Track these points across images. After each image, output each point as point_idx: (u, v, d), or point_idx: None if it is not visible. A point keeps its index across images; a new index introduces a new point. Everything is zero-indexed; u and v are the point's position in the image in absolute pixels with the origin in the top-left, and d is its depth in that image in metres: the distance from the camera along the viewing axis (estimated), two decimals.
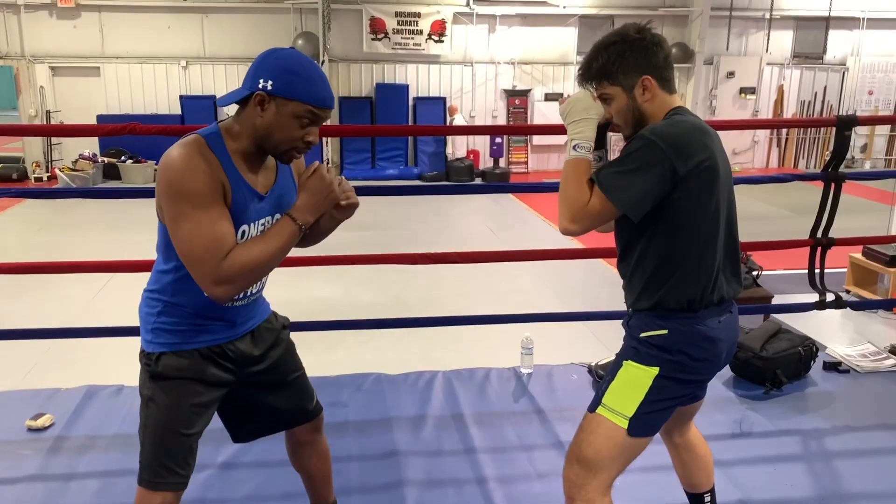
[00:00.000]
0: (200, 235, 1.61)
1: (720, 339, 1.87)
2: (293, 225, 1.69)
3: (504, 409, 3.35)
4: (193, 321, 1.81)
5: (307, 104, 1.66)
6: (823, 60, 14.57)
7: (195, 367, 1.82)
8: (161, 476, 1.80)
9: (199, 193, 1.61)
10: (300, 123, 1.68)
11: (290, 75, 1.65)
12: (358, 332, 4.50)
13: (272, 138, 1.69)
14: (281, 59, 1.67)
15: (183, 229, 1.62)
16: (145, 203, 9.42)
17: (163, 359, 1.80)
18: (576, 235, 1.87)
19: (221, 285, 1.62)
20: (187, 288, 1.76)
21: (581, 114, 1.87)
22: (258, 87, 1.65)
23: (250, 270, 1.64)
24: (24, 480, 2.73)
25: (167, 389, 1.80)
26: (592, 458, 1.88)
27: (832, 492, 2.71)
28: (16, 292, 5.71)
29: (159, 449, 1.81)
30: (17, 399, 3.35)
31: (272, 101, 1.65)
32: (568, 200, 1.82)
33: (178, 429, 1.81)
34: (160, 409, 1.80)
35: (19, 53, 12.16)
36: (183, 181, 1.61)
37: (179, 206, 1.62)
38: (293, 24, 12.61)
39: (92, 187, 10.92)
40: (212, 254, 1.61)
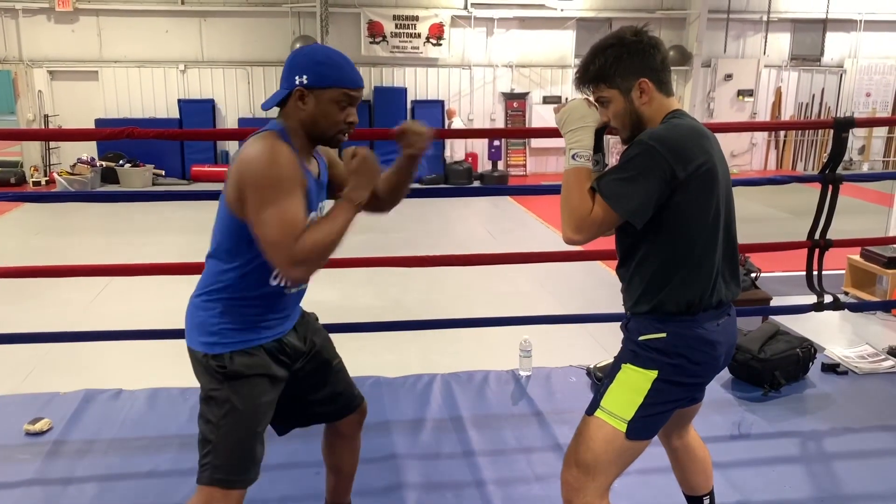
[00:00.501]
0: (284, 220, 1.69)
1: (719, 343, 1.88)
2: (351, 205, 1.80)
3: (503, 411, 3.35)
4: (256, 317, 1.87)
5: (341, 87, 1.80)
6: (821, 62, 14.60)
7: (263, 363, 1.88)
8: (238, 474, 1.85)
9: (287, 180, 1.72)
10: (339, 107, 1.81)
11: (320, 66, 1.79)
12: (356, 335, 4.49)
13: (319, 126, 1.82)
14: (309, 53, 1.82)
15: (269, 213, 1.69)
16: (143, 207, 9.44)
17: (236, 358, 1.84)
18: (580, 244, 1.86)
19: (299, 266, 1.71)
20: (254, 282, 1.83)
21: (578, 122, 1.86)
22: (295, 83, 1.78)
23: (322, 249, 1.73)
24: (23, 485, 2.72)
25: (243, 389, 1.85)
26: (591, 462, 1.88)
27: (831, 493, 2.72)
28: (14, 297, 5.71)
29: (239, 448, 1.85)
30: (16, 403, 3.35)
31: (311, 94, 1.79)
32: (571, 210, 1.81)
33: (255, 427, 1.87)
34: (238, 409, 1.84)
35: (17, 58, 12.17)
36: (272, 168, 1.71)
37: (267, 193, 1.69)
38: (291, 27, 12.62)
39: (90, 191, 10.92)
40: (292, 235, 1.69)
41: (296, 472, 2.78)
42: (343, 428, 2.22)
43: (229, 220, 1.80)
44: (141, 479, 2.78)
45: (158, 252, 7.17)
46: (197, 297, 1.90)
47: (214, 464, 1.84)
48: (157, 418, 3.25)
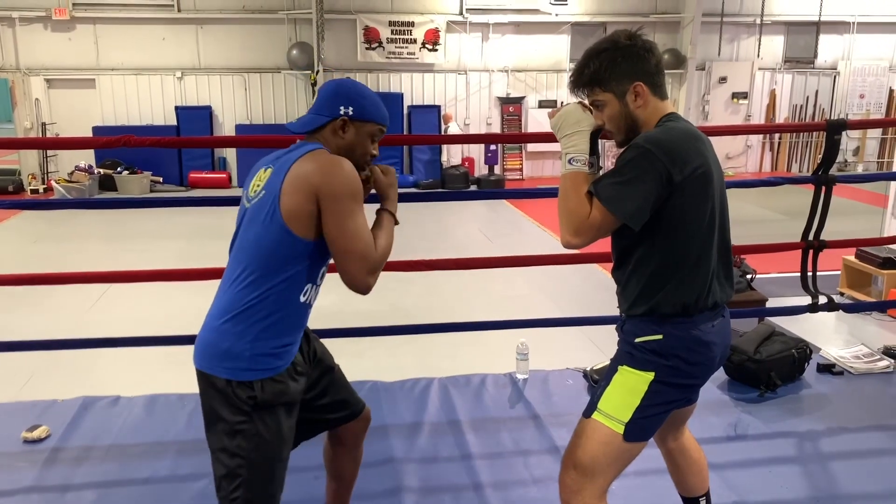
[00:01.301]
0: (366, 232, 1.83)
1: (714, 343, 1.89)
2: (393, 217, 2.03)
3: (500, 414, 3.36)
4: (284, 339, 1.85)
5: (378, 124, 1.96)
6: (815, 65, 14.65)
7: (289, 389, 1.87)
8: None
9: (361, 194, 1.85)
10: (371, 140, 1.96)
11: (364, 100, 1.93)
12: (354, 340, 4.51)
13: (353, 154, 1.92)
14: (353, 87, 1.95)
15: (352, 225, 1.79)
16: (141, 214, 9.42)
17: (266, 386, 1.81)
18: (578, 248, 1.87)
19: (375, 273, 1.84)
20: (286, 300, 1.82)
21: (573, 127, 1.88)
22: (339, 112, 1.90)
23: (384, 259, 1.90)
24: (21, 492, 2.73)
25: (270, 418, 1.82)
26: (588, 464, 1.89)
27: (827, 493, 2.73)
28: (12, 304, 5.71)
29: (271, 479, 1.84)
30: (13, 411, 3.36)
31: (352, 125, 1.91)
32: (569, 214, 1.82)
33: (284, 456, 1.88)
34: (268, 440, 1.81)
35: (14, 66, 12.18)
36: (354, 183, 1.82)
37: (353, 205, 1.80)
38: (287, 34, 12.65)
39: (89, 198, 10.93)
40: (371, 248, 1.83)
41: (294, 478, 2.77)
42: (346, 436, 2.21)
43: (281, 235, 1.77)
44: (139, 486, 2.78)
45: (157, 259, 7.18)
46: (222, 322, 1.81)
47: (247, 497, 1.80)
48: (155, 425, 3.26)
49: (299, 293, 1.85)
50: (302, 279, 1.82)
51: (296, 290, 1.83)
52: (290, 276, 1.80)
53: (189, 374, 1.93)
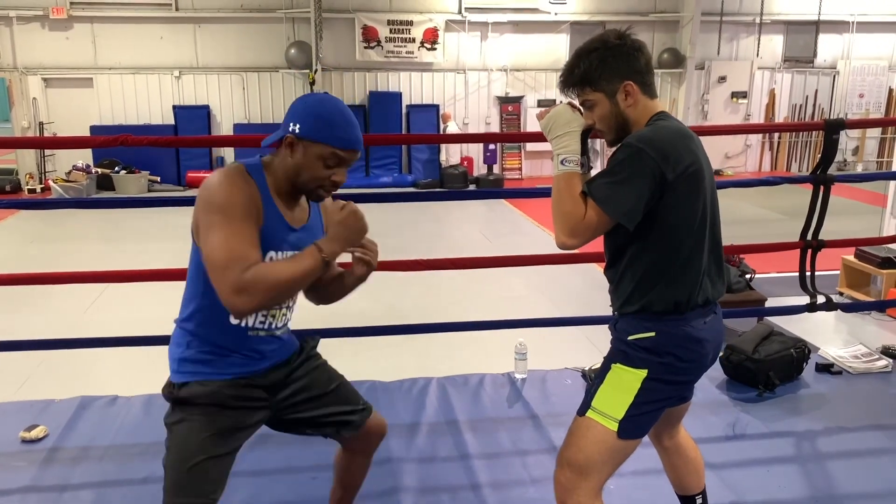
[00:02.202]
0: (229, 245, 1.65)
1: (706, 340, 1.89)
2: (318, 254, 1.73)
3: (498, 414, 3.35)
4: (218, 353, 1.84)
5: (331, 146, 1.76)
6: (814, 64, 14.65)
7: (217, 393, 1.82)
8: (185, 498, 1.78)
9: (234, 206, 1.69)
10: (325, 164, 1.77)
11: (315, 119, 1.76)
12: (352, 341, 4.50)
13: (300, 177, 1.79)
14: (309, 104, 1.80)
15: (214, 237, 1.67)
16: (139, 214, 9.40)
17: (186, 387, 1.82)
18: (573, 249, 1.86)
19: (241, 295, 1.63)
20: (211, 320, 1.82)
21: (564, 128, 1.87)
22: (289, 129, 1.76)
23: (270, 286, 1.66)
24: (19, 492, 2.72)
25: (189, 415, 1.81)
26: (583, 462, 1.89)
27: (825, 492, 2.73)
28: (8, 305, 5.70)
29: (181, 475, 1.79)
30: (11, 410, 3.35)
31: (300, 144, 1.76)
32: (564, 215, 1.82)
33: (201, 455, 1.79)
34: (182, 435, 1.81)
35: (11, 65, 12.16)
36: (221, 195, 1.70)
37: (214, 217, 1.68)
38: (286, 33, 12.64)
39: (87, 198, 10.92)
40: (236, 262, 1.64)
41: (291, 478, 2.79)
42: (358, 446, 2.18)
43: (194, 249, 1.80)
44: (136, 486, 2.78)
45: (154, 259, 7.16)
46: (176, 323, 1.90)
47: (166, 488, 1.80)
48: (152, 424, 3.24)
49: (227, 315, 1.80)
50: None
51: (221, 312, 1.75)
52: (210, 294, 1.72)
53: None
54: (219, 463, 1.82)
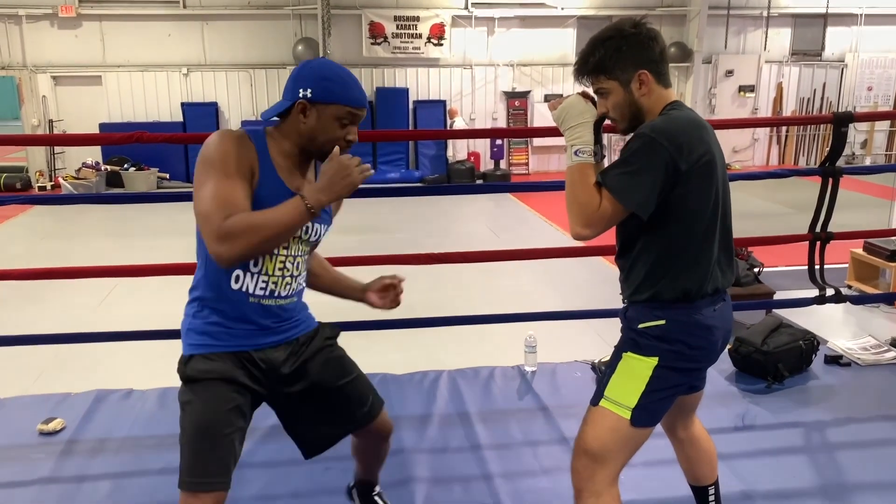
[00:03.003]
0: (214, 195, 1.69)
1: (716, 328, 1.91)
2: (301, 203, 1.72)
3: (509, 406, 3.38)
4: (218, 323, 1.87)
5: (345, 106, 1.81)
6: (822, 57, 14.61)
7: (223, 368, 1.86)
8: (201, 478, 1.80)
9: (224, 162, 1.73)
10: (340, 124, 1.82)
11: (326, 82, 1.80)
12: (363, 334, 4.53)
13: (316, 141, 1.83)
14: (316, 68, 1.84)
15: (202, 190, 1.71)
16: (148, 211, 9.50)
17: (191, 362, 1.87)
18: (588, 239, 1.88)
19: (224, 242, 1.66)
20: (212, 284, 1.86)
21: (577, 119, 1.88)
22: (299, 96, 1.79)
23: (251, 232, 1.67)
24: (38, 483, 2.77)
25: (199, 392, 1.85)
26: (598, 450, 1.92)
27: (834, 482, 2.75)
28: (21, 302, 5.77)
29: (198, 452, 1.82)
30: (29, 404, 3.40)
31: (313, 108, 1.80)
32: (579, 206, 1.83)
33: (214, 431, 1.82)
34: (195, 411, 1.84)
35: (21, 63, 12.24)
36: (213, 152, 1.75)
37: (205, 172, 1.73)
38: (293, 29, 12.68)
39: (99, 193, 11.01)
40: (219, 210, 1.67)
41: (306, 468, 2.80)
42: (368, 438, 2.23)
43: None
44: (153, 477, 2.82)
45: (164, 255, 7.16)
46: (186, 304, 1.96)
47: (182, 467, 1.83)
48: (167, 417, 3.29)
49: (228, 279, 1.84)
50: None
51: (222, 275, 1.83)
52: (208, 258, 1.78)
53: None
54: (227, 440, 1.83)
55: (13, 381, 4.04)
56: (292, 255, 1.91)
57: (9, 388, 3.67)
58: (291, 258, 1.91)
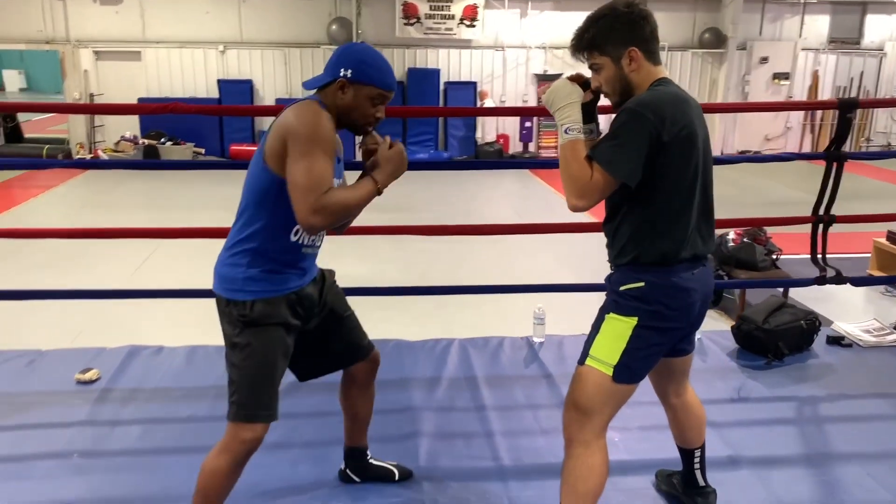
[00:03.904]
0: (316, 170, 1.93)
1: (694, 290, 2.05)
2: (374, 185, 2.05)
3: (514, 373, 3.55)
4: (276, 271, 2.09)
5: (379, 88, 2.06)
6: (860, 45, 14.38)
7: (282, 313, 2.10)
8: (258, 409, 2.07)
9: (326, 141, 1.97)
10: (372, 103, 2.08)
11: (365, 66, 2.05)
12: (384, 307, 4.73)
13: (351, 116, 2.08)
14: (359, 51, 2.09)
15: (304, 163, 1.93)
16: (184, 184, 9.78)
17: (256, 306, 2.06)
18: (584, 210, 2.03)
19: (317, 215, 1.91)
20: (274, 237, 2.07)
21: (564, 100, 2.04)
22: (340, 74, 2.03)
23: (339, 209, 1.96)
24: (74, 426, 3.02)
25: (262, 335, 2.07)
26: (586, 404, 2.08)
27: (819, 451, 2.87)
28: (62, 269, 6.08)
29: (257, 388, 2.07)
30: (68, 357, 3.65)
31: (351, 87, 2.04)
32: (572, 179, 1.98)
33: (272, 370, 2.10)
34: (257, 352, 2.07)
35: (64, 38, 12.58)
36: (317, 128, 1.96)
37: (307, 146, 1.93)
38: (327, 9, 12.83)
39: (140, 160, 11.38)
40: (319, 186, 1.92)
41: (320, 420, 3.02)
42: (357, 375, 2.45)
43: (263, 174, 2.02)
44: (180, 424, 3.05)
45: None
46: (226, 250, 2.12)
47: (239, 402, 2.08)
48: (195, 372, 3.52)
49: (289, 232, 2.07)
50: (290, 218, 1.98)
51: (284, 229, 2.06)
52: (276, 214, 2.02)
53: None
54: (278, 379, 2.13)
55: (56, 337, 4.31)
56: None
57: (50, 344, 3.93)
58: None
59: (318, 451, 2.82)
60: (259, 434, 2.09)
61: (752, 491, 2.61)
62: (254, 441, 2.08)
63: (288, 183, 1.95)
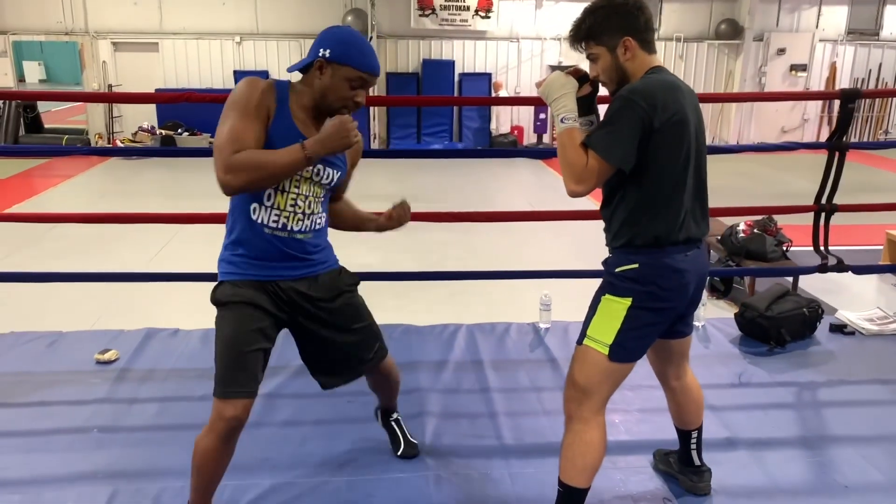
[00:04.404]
0: (229, 131, 1.96)
1: (687, 271, 2.12)
2: (300, 150, 1.96)
3: (519, 357, 3.63)
4: (243, 257, 2.15)
5: (357, 70, 2.04)
6: (879, 37, 14.27)
7: (247, 293, 2.12)
8: (232, 387, 2.07)
9: (243, 103, 1.99)
10: (350, 86, 2.06)
11: (344, 45, 2.04)
12: (398, 295, 4.82)
13: (327, 98, 2.07)
14: (337, 32, 2.09)
15: (221, 126, 1.98)
16: (199, 173, 9.94)
17: (221, 287, 2.16)
18: (582, 195, 2.10)
19: (228, 173, 1.93)
20: (238, 220, 2.13)
21: (559, 91, 2.12)
22: (318, 54, 2.04)
23: (252, 168, 1.94)
24: (94, 403, 3.13)
25: (227, 314, 2.12)
26: (584, 383, 2.17)
27: (815, 434, 2.93)
28: (82, 256, 6.22)
29: (226, 364, 2.09)
30: (88, 338, 3.77)
31: (329, 66, 2.04)
32: (569, 165, 2.06)
33: (240, 347, 2.09)
34: (224, 330, 2.12)
35: (83, 30, 12.75)
36: (237, 94, 2.01)
37: (227, 110, 1.99)
38: (343, 0, 12.91)
39: (159, 147, 11.57)
40: (231, 145, 1.94)
41: (330, 401, 3.11)
42: (377, 377, 2.55)
43: None
44: (194, 402, 3.16)
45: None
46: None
47: (216, 378, 2.10)
48: (209, 354, 3.53)
49: (248, 211, 2.11)
50: (246, 196, 2.07)
51: (243, 208, 2.11)
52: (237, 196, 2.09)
53: None
54: (252, 355, 2.09)
55: (77, 319, 4.44)
56: (303, 194, 2.14)
57: (71, 326, 4.05)
58: (303, 197, 2.14)
59: (327, 428, 2.93)
60: (239, 411, 2.05)
61: (748, 470, 2.67)
62: (234, 418, 2.05)
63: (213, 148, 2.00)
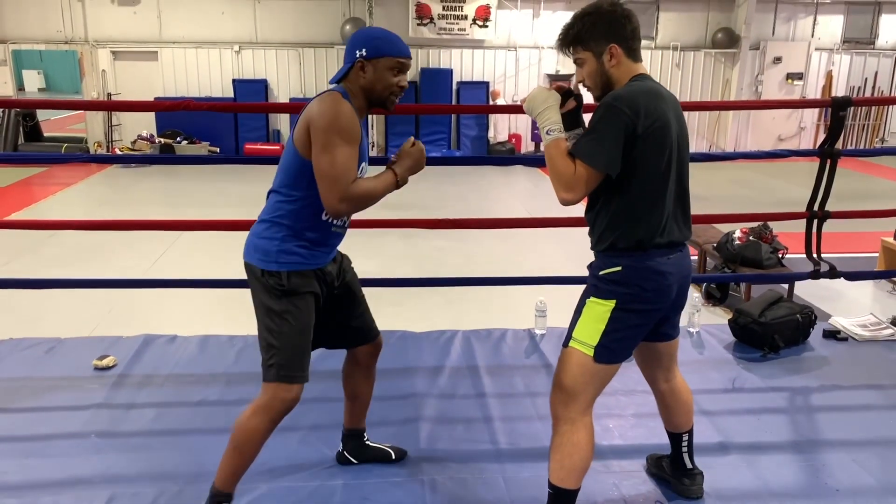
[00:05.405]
0: (343, 162, 2.12)
1: (669, 273, 2.16)
2: (394, 177, 2.26)
3: (515, 363, 3.66)
4: (308, 246, 2.26)
5: (394, 57, 2.22)
6: (875, 45, 14.34)
7: (312, 284, 2.29)
8: (297, 371, 2.25)
9: (350, 132, 2.14)
10: (393, 73, 2.23)
11: (376, 40, 2.23)
12: (394, 301, 4.84)
13: (376, 90, 2.24)
14: (365, 33, 2.28)
15: (331, 154, 2.11)
16: (198, 182, 9.95)
17: (292, 277, 2.24)
18: (573, 203, 2.15)
19: (344, 202, 2.13)
20: (307, 216, 2.24)
21: (542, 104, 2.18)
22: (356, 56, 2.21)
23: (364, 197, 2.18)
24: (92, 409, 3.16)
25: (298, 303, 2.25)
26: (570, 385, 2.20)
27: (807, 438, 2.96)
28: (81, 263, 6.24)
29: (297, 351, 2.26)
30: (87, 344, 3.80)
31: (369, 63, 2.21)
32: (558, 175, 2.11)
33: (308, 335, 2.29)
34: (295, 319, 2.25)
35: (83, 39, 12.81)
36: (342, 120, 2.13)
37: (328, 137, 2.11)
38: (341, 9, 12.99)
39: (159, 155, 11.60)
40: (346, 177, 2.12)
41: (327, 405, 3.14)
42: (360, 358, 2.60)
43: (295, 159, 2.20)
44: (191, 408, 3.18)
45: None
46: (260, 222, 2.29)
47: (279, 363, 2.24)
48: (207, 359, 3.66)
49: (320, 213, 2.24)
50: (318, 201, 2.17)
51: (316, 209, 2.22)
52: (308, 195, 2.20)
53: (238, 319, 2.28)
54: (310, 346, 2.32)
55: (74, 327, 4.46)
56: None
57: (69, 332, 4.07)
58: None
59: (323, 433, 2.94)
60: (296, 394, 2.26)
61: (740, 474, 2.70)
62: (293, 401, 2.26)
63: (315, 172, 2.13)
